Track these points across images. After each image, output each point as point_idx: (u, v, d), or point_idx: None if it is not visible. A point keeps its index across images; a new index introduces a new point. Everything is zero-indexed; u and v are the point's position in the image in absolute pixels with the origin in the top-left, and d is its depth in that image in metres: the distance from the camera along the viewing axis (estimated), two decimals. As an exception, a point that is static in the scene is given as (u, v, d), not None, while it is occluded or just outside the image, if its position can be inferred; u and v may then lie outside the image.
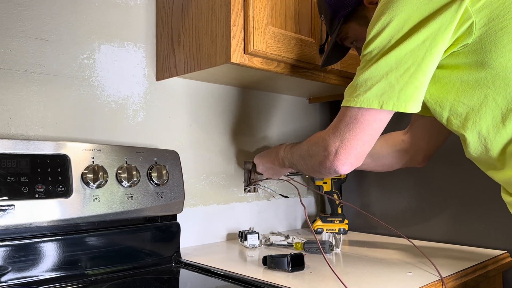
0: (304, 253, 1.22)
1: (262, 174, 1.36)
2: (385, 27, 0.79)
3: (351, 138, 0.84)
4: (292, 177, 1.50)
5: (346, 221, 1.56)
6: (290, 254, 1.02)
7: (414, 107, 0.79)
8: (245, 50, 1.07)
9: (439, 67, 0.82)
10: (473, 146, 0.86)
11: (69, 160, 0.98)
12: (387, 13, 0.79)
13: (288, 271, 1.00)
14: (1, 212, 0.87)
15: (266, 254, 1.07)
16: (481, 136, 0.83)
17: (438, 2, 0.76)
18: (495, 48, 0.76)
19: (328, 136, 0.88)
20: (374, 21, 0.81)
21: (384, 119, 0.82)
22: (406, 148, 1.18)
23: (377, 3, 0.92)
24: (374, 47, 0.80)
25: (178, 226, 1.16)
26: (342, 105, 0.85)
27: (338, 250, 1.25)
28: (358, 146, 0.84)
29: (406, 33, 0.77)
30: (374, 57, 0.80)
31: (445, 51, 0.79)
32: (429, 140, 1.15)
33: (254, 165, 1.38)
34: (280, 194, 1.59)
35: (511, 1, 0.76)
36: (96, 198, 1.00)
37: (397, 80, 0.78)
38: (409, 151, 1.18)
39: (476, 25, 0.76)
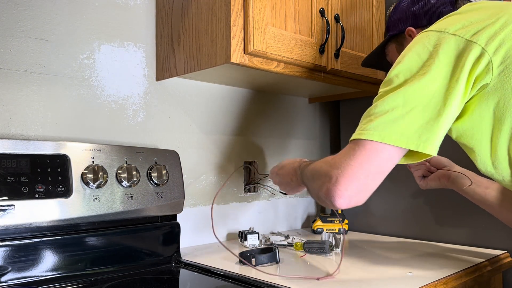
0: (304, 253, 1.23)
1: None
2: (401, 66, 0.80)
3: (354, 165, 0.77)
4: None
5: (346, 221, 1.56)
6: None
7: (421, 146, 0.76)
8: (245, 50, 1.07)
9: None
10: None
11: (69, 160, 0.98)
12: (407, 54, 0.81)
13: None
14: (1, 212, 0.87)
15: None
16: None
17: (453, 49, 0.77)
18: None
19: (333, 160, 0.81)
20: (397, 59, 0.83)
21: (390, 155, 0.77)
22: None
23: (412, 37, 1.02)
24: (390, 79, 0.81)
25: (178, 226, 1.16)
26: (353, 137, 0.81)
27: (338, 250, 1.25)
28: (362, 177, 0.77)
29: (417, 74, 0.78)
30: (387, 91, 0.80)
31: (464, 95, 0.78)
32: None
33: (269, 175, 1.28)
34: (280, 192, 1.59)
35: None
36: (96, 198, 1.00)
37: (402, 116, 0.76)
38: None
39: (493, 64, 0.76)
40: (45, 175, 0.94)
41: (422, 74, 0.77)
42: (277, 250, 1.11)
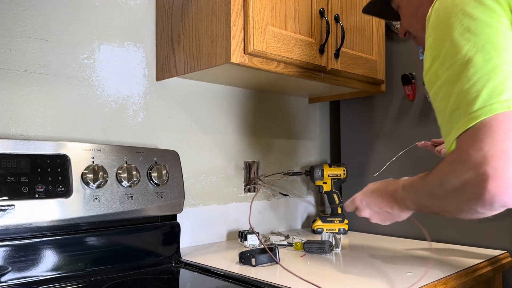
0: (304, 253, 1.23)
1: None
2: (460, 30, 0.67)
3: (502, 138, 0.59)
4: (286, 176, 1.51)
5: (346, 221, 1.56)
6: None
7: None
8: (245, 50, 1.07)
9: None
10: None
11: (69, 160, 0.98)
12: (455, 17, 0.69)
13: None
14: (1, 212, 0.87)
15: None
16: None
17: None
18: None
19: (464, 154, 0.62)
20: (435, 28, 0.71)
21: None
22: None
23: None
24: (457, 44, 0.67)
25: (178, 226, 1.16)
26: (461, 129, 0.64)
27: (338, 250, 1.25)
28: None
29: (487, 31, 0.65)
30: (459, 58, 0.66)
31: None
32: None
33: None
34: (280, 193, 1.59)
35: None
36: (96, 198, 1.00)
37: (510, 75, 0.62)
38: None
39: None
40: (45, 175, 0.94)
41: (494, 29, 0.64)
42: (277, 250, 1.11)
